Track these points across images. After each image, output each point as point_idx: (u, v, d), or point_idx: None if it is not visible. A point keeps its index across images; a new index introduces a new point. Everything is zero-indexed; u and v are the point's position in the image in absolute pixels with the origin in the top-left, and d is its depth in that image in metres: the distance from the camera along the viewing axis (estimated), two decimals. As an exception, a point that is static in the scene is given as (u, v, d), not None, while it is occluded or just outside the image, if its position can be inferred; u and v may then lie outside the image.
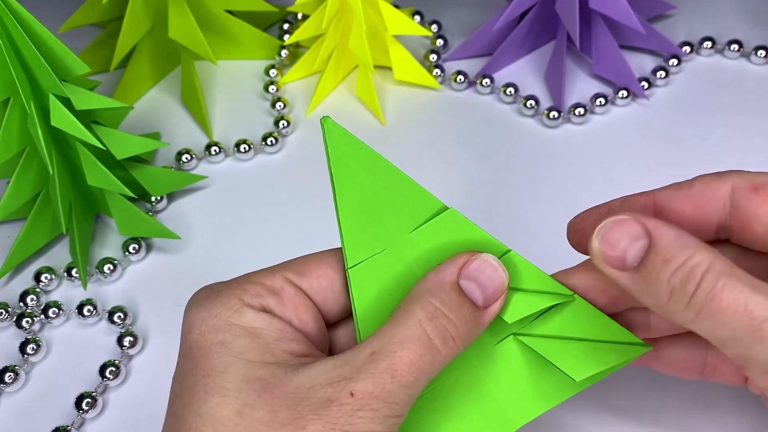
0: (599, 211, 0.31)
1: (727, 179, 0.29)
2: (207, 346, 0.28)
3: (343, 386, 0.26)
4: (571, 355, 0.30)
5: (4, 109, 0.38)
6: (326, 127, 0.30)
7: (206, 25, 0.50)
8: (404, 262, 0.30)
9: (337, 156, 0.30)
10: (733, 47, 0.51)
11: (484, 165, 0.47)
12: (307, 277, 0.30)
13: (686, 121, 0.48)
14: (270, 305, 0.29)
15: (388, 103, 0.50)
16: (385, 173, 0.30)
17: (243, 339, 0.27)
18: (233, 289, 0.29)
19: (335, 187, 0.30)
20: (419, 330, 0.27)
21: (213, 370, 0.27)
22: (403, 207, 0.30)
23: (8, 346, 0.41)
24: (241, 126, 0.49)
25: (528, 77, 0.51)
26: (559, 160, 0.47)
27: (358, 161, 0.30)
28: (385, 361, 0.27)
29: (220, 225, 0.45)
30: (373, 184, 0.30)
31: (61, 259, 0.44)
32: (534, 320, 0.31)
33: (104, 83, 0.50)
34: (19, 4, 0.36)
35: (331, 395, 0.26)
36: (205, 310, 0.28)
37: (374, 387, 0.26)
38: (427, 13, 0.54)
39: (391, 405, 0.26)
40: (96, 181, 0.41)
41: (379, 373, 0.26)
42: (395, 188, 0.30)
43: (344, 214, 0.30)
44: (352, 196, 0.30)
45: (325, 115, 0.30)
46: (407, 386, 0.27)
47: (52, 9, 0.48)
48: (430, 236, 0.30)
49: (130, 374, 0.40)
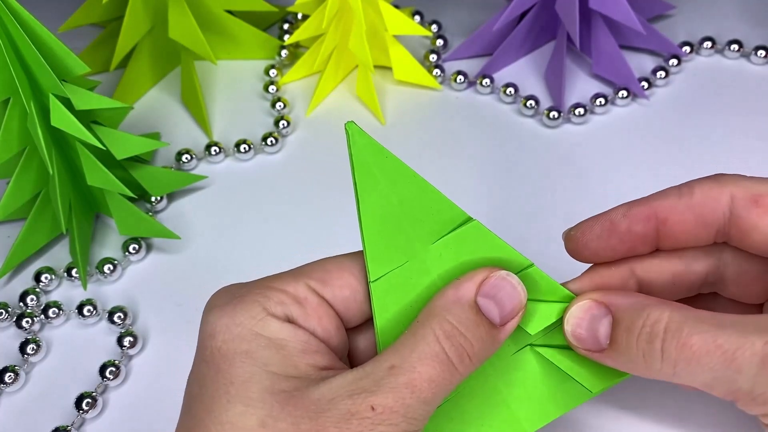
0: (602, 226, 0.31)
1: (726, 187, 0.30)
2: (231, 355, 0.28)
3: (363, 399, 0.26)
4: (586, 366, 0.31)
5: (4, 109, 0.38)
6: (351, 133, 0.29)
7: (206, 25, 0.50)
8: (426, 275, 0.30)
9: (362, 164, 0.29)
10: (733, 47, 0.51)
11: (484, 165, 0.47)
12: (329, 287, 0.30)
13: (686, 121, 0.48)
14: (294, 314, 0.29)
15: (388, 103, 0.50)
16: (409, 183, 0.29)
17: (268, 350, 0.28)
18: (255, 295, 0.29)
19: (359, 197, 0.29)
20: (437, 347, 0.27)
21: (237, 379, 0.27)
22: (427, 217, 0.30)
23: (8, 346, 0.41)
24: (241, 126, 0.49)
25: (528, 77, 0.51)
26: (559, 160, 0.47)
27: (383, 170, 0.29)
28: (404, 376, 0.27)
29: (220, 225, 0.45)
30: (397, 194, 0.29)
31: (61, 259, 0.44)
32: (550, 332, 0.31)
33: (104, 83, 0.50)
34: (19, 4, 0.36)
35: (352, 408, 0.26)
36: (228, 316, 0.28)
37: (394, 402, 0.26)
38: (427, 13, 0.54)
39: (410, 420, 0.27)
40: (96, 181, 0.41)
41: (399, 388, 0.27)
42: (419, 198, 0.29)
43: (367, 225, 0.29)
44: (375, 206, 0.29)
45: (349, 120, 0.29)
46: (426, 402, 0.27)
47: (52, 9, 0.48)
48: (452, 248, 0.30)
49: (130, 374, 0.40)
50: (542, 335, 0.31)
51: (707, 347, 0.26)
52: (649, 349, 0.27)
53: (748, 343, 0.26)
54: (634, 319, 0.28)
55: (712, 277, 0.32)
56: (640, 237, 0.31)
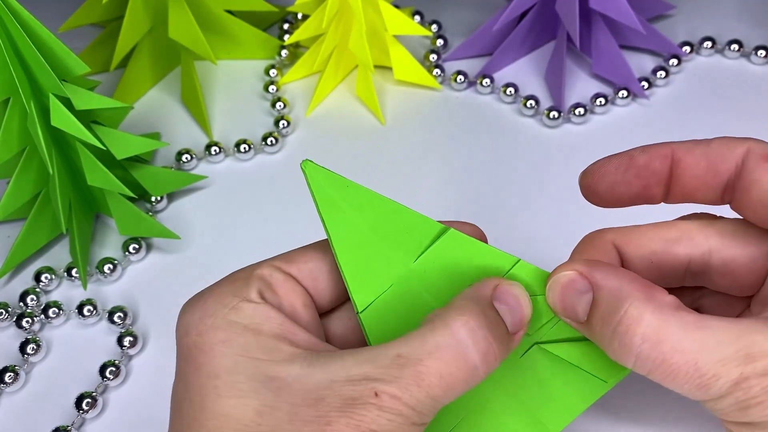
0: (620, 159, 0.31)
1: (745, 143, 0.30)
2: (208, 347, 0.27)
3: (365, 385, 0.25)
4: (596, 357, 0.30)
5: (4, 109, 0.38)
6: (308, 171, 0.29)
7: (206, 25, 0.50)
8: (413, 294, 0.29)
9: (325, 200, 0.29)
10: (733, 47, 0.51)
11: (484, 165, 0.47)
12: (294, 263, 0.30)
13: (686, 121, 0.48)
14: (264, 293, 0.28)
15: (388, 103, 0.50)
16: (376, 207, 0.29)
17: (245, 337, 0.27)
18: (224, 286, 0.29)
19: (329, 231, 0.29)
20: (454, 340, 0.26)
21: (221, 370, 0.26)
22: (402, 237, 0.29)
23: (8, 346, 0.41)
24: (241, 126, 0.49)
25: (528, 77, 0.51)
26: (559, 160, 0.47)
27: (347, 200, 0.29)
28: (411, 368, 0.25)
29: (220, 225, 0.45)
30: (366, 221, 0.29)
31: (61, 259, 0.44)
32: (553, 327, 0.30)
33: (104, 83, 0.50)
34: (19, 4, 0.36)
35: (354, 393, 0.25)
36: (200, 310, 0.28)
37: (400, 392, 0.25)
38: (427, 13, 0.54)
39: (418, 413, 0.26)
40: (96, 181, 0.41)
41: (405, 380, 0.25)
42: (390, 220, 0.29)
43: (344, 259, 0.29)
44: (348, 238, 0.29)
45: (305, 159, 0.29)
46: (433, 398, 0.26)
47: (52, 9, 0.48)
48: (434, 262, 0.30)
49: (130, 374, 0.40)
50: (546, 331, 0.30)
51: (686, 368, 0.26)
52: (622, 351, 0.27)
53: (724, 370, 0.26)
54: (611, 311, 0.27)
55: (696, 266, 0.31)
56: (656, 174, 0.31)
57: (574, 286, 0.28)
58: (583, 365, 0.30)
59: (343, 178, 0.29)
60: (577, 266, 0.29)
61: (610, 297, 0.27)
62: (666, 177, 0.31)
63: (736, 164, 0.30)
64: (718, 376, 0.26)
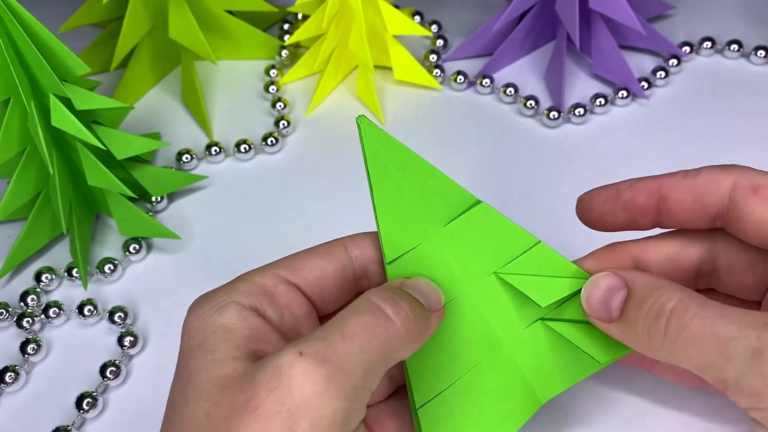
0: (608, 192, 0.33)
1: (731, 174, 0.31)
2: (188, 350, 0.28)
3: (290, 351, 0.25)
4: (595, 338, 0.32)
5: (4, 109, 0.38)
6: (362, 127, 0.31)
7: (206, 25, 0.50)
8: (439, 255, 0.32)
9: (374, 155, 0.31)
10: (733, 47, 0.51)
11: (484, 165, 0.47)
12: (299, 271, 0.31)
13: (686, 121, 0.48)
14: (260, 304, 0.29)
15: (388, 103, 0.50)
16: (419, 170, 0.31)
17: (215, 336, 0.28)
18: (225, 289, 0.29)
19: (372, 185, 0.31)
20: (368, 302, 0.28)
21: (191, 374, 0.27)
22: (437, 202, 0.32)
23: (8, 346, 0.41)
24: (241, 126, 0.50)
25: (528, 77, 0.51)
26: (559, 160, 0.47)
27: (394, 159, 0.31)
28: (336, 327, 0.26)
29: (220, 225, 0.45)
30: (408, 182, 0.31)
31: (62, 259, 0.44)
32: (560, 306, 0.32)
33: (104, 83, 0.50)
34: (19, 4, 0.36)
35: (279, 360, 0.25)
36: (195, 312, 0.29)
37: (326, 348, 0.25)
38: (427, 13, 0.54)
39: (346, 372, 0.25)
40: (96, 181, 0.41)
41: (330, 337, 0.26)
42: (429, 184, 0.31)
43: (381, 211, 0.31)
44: (388, 194, 0.31)
45: (360, 114, 0.31)
46: (362, 349, 0.26)
47: (52, 9, 0.48)
48: (463, 229, 0.32)
49: (131, 374, 0.40)
50: (552, 309, 0.32)
51: (704, 331, 0.27)
52: (654, 325, 0.28)
53: (742, 334, 0.26)
54: (646, 295, 0.29)
55: (706, 266, 0.33)
56: (641, 208, 0.32)
57: (609, 284, 0.30)
58: (581, 344, 0.32)
59: (393, 138, 0.31)
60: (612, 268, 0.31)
61: (646, 287, 0.29)
62: (653, 211, 0.32)
63: (722, 198, 0.31)
64: (737, 339, 0.26)
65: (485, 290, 0.32)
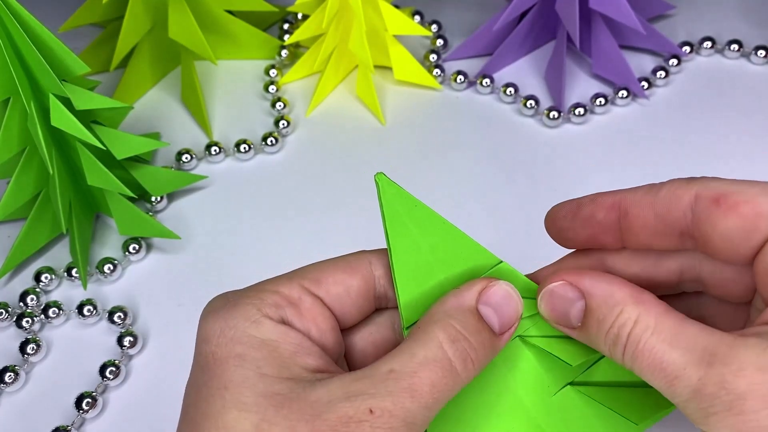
0: (569, 207, 0.31)
1: (693, 187, 0.28)
2: (224, 359, 0.27)
3: (361, 402, 0.26)
4: (630, 400, 0.31)
5: (4, 109, 0.38)
6: (381, 185, 0.29)
7: (206, 25, 0.50)
8: None
9: (392, 215, 0.29)
10: (733, 47, 0.51)
11: (484, 165, 0.47)
12: (324, 285, 0.30)
13: (686, 121, 0.48)
14: (288, 316, 0.29)
15: (388, 103, 0.50)
16: (439, 230, 0.30)
17: (260, 352, 0.27)
18: (251, 298, 0.29)
19: (391, 246, 0.29)
20: (440, 352, 0.27)
21: (230, 383, 0.27)
22: (458, 263, 0.30)
23: (8, 346, 0.41)
24: (241, 126, 0.50)
25: (528, 77, 0.51)
26: (559, 160, 0.47)
27: (413, 218, 0.29)
28: (405, 381, 0.26)
29: (220, 225, 0.45)
30: (427, 241, 0.30)
31: (61, 259, 0.44)
32: (589, 368, 0.31)
33: (104, 83, 0.50)
34: (19, 4, 0.36)
35: (349, 410, 0.26)
36: (222, 320, 0.28)
37: (393, 405, 0.26)
38: (427, 13, 0.54)
39: (409, 425, 0.26)
40: (96, 181, 0.41)
41: (399, 392, 0.26)
42: (450, 246, 0.30)
43: (400, 273, 0.30)
44: (407, 255, 0.30)
45: (379, 172, 0.29)
46: (426, 407, 0.27)
47: (52, 9, 0.48)
48: None
49: (130, 374, 0.40)
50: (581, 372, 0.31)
51: (654, 364, 0.26)
52: (614, 349, 0.28)
53: (686, 374, 0.26)
54: (606, 314, 0.28)
55: (689, 275, 0.31)
56: (601, 225, 0.30)
57: (565, 294, 0.29)
58: (614, 407, 0.31)
59: (412, 197, 0.30)
60: (565, 276, 0.29)
61: (603, 304, 0.28)
62: (614, 227, 0.30)
63: (684, 214, 0.28)
64: (680, 378, 0.26)
65: (510, 355, 0.31)
